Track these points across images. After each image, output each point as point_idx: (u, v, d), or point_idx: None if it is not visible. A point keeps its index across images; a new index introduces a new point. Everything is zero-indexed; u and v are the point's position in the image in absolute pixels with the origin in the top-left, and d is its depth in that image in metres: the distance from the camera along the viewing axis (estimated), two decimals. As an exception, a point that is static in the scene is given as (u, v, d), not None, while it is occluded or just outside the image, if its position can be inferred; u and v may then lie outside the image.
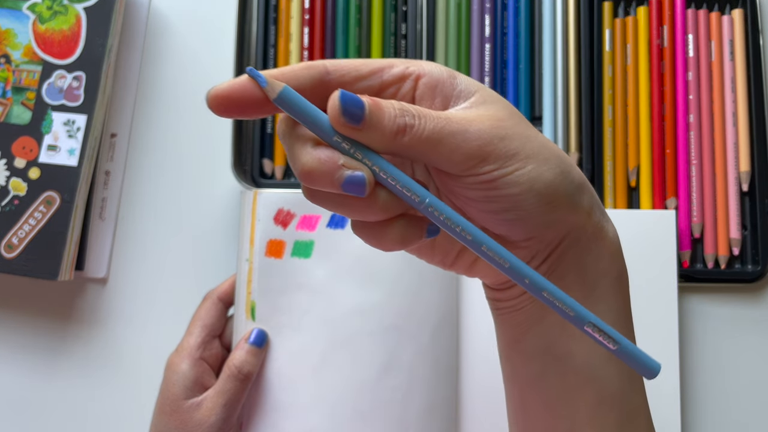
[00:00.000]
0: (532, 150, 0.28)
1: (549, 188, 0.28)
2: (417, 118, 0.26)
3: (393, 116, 0.26)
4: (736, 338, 0.55)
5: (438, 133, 0.26)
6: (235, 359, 0.44)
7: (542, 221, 0.29)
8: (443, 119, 0.27)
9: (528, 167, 0.28)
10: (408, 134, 0.26)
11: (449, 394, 0.49)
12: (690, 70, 0.57)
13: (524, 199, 0.28)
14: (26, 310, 0.56)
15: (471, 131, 0.27)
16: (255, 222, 0.46)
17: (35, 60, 0.54)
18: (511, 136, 0.28)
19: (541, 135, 0.29)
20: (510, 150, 0.28)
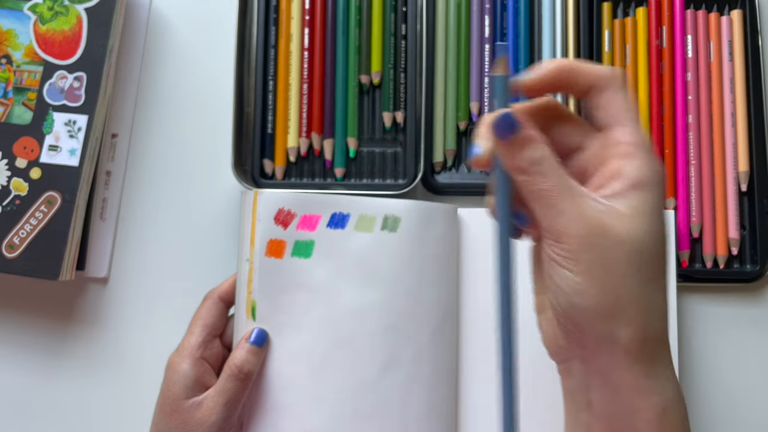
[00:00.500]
0: (610, 288, 0.29)
1: (579, 313, 0.30)
2: (539, 175, 0.30)
3: (522, 158, 0.30)
4: (735, 338, 0.55)
5: (539, 198, 0.30)
6: (236, 359, 0.44)
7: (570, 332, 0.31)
8: (556, 196, 0.29)
9: (581, 282, 0.29)
10: (522, 177, 0.30)
11: (449, 393, 0.49)
12: (689, 70, 0.57)
13: (559, 299, 0.30)
14: (27, 310, 0.56)
15: (567, 228, 0.29)
16: (255, 222, 0.46)
17: (36, 60, 0.54)
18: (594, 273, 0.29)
19: (645, 296, 0.30)
20: (583, 270, 0.29)
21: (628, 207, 0.29)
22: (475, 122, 0.58)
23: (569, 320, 0.30)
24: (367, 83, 0.58)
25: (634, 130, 0.31)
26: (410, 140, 0.56)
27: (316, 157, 0.58)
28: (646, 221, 0.29)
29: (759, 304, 0.55)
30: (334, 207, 0.47)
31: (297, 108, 0.57)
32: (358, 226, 0.47)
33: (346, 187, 0.56)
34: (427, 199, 0.57)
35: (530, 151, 0.30)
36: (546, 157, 0.30)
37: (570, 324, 0.30)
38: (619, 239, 0.29)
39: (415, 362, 0.47)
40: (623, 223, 0.29)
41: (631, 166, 0.30)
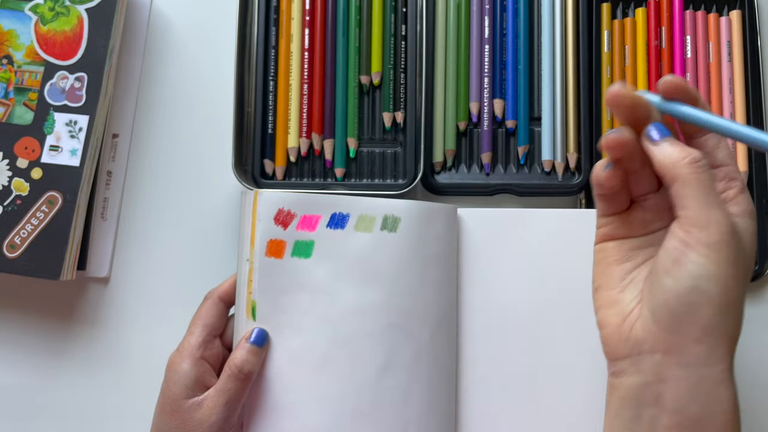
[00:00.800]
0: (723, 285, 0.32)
1: (702, 299, 0.32)
2: (703, 167, 0.33)
3: (689, 152, 0.34)
4: (734, 338, 0.55)
5: (701, 186, 0.33)
6: (236, 359, 0.44)
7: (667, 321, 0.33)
8: (713, 190, 0.33)
9: (715, 271, 0.32)
10: (692, 166, 0.33)
11: (448, 393, 0.49)
12: (688, 71, 0.57)
13: (681, 283, 0.33)
14: (28, 309, 0.56)
15: (716, 218, 0.33)
16: (255, 222, 0.46)
17: (37, 61, 0.54)
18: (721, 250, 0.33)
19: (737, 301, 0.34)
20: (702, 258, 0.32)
21: (747, 227, 0.35)
22: (475, 122, 0.58)
23: (684, 305, 0.32)
24: (367, 83, 0.58)
25: (737, 170, 0.37)
26: (410, 140, 0.56)
27: (317, 157, 0.58)
28: (753, 246, 0.35)
29: (758, 303, 0.56)
30: (334, 207, 0.47)
31: (297, 108, 0.57)
32: (358, 226, 0.47)
33: (346, 187, 0.56)
34: (427, 199, 0.57)
35: (688, 148, 0.34)
36: (706, 156, 0.34)
37: (683, 309, 0.32)
38: (745, 248, 0.34)
39: (415, 362, 0.47)
40: (746, 237, 0.34)
41: (746, 199, 0.36)
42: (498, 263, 0.52)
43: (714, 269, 0.32)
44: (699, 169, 0.33)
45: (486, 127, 0.57)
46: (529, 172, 0.57)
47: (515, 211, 0.53)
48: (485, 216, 0.53)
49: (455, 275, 0.51)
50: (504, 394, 0.51)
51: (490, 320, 0.51)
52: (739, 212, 0.35)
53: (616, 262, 0.37)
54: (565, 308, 0.51)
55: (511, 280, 0.51)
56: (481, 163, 0.57)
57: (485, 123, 0.58)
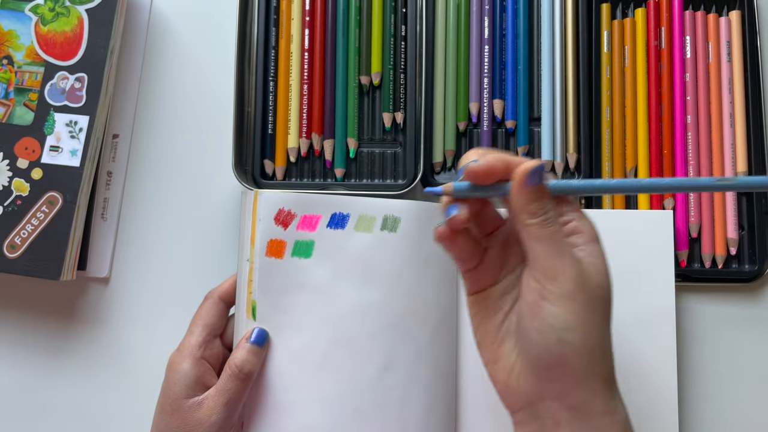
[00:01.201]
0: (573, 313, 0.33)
1: (568, 349, 0.33)
2: (551, 222, 0.34)
3: (540, 205, 0.34)
4: (734, 337, 0.55)
5: (545, 239, 0.34)
6: (236, 358, 0.44)
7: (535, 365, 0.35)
8: (559, 240, 0.34)
9: (573, 320, 0.33)
10: (533, 220, 0.34)
11: (449, 393, 0.49)
12: (687, 71, 0.57)
13: (546, 337, 0.34)
14: (28, 309, 0.56)
15: (565, 269, 0.33)
16: (256, 222, 0.46)
17: (38, 61, 0.54)
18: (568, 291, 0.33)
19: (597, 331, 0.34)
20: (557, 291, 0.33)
21: (593, 257, 0.34)
22: (474, 122, 0.58)
23: (554, 357, 0.33)
24: (367, 84, 0.58)
25: (572, 199, 0.37)
26: (410, 140, 0.56)
27: (317, 157, 0.58)
28: (606, 270, 0.35)
29: (757, 303, 0.56)
30: (334, 207, 0.47)
31: (297, 108, 0.57)
32: (358, 227, 0.48)
33: (346, 188, 0.56)
34: (427, 199, 0.57)
35: (545, 200, 0.35)
36: (552, 208, 0.35)
37: (554, 360, 0.34)
38: (598, 285, 0.34)
39: (415, 362, 0.47)
40: (597, 271, 0.34)
41: (585, 223, 0.36)
42: (498, 263, 0.52)
43: (573, 319, 0.33)
44: (547, 224, 0.34)
45: (486, 128, 0.58)
46: (528, 173, 0.57)
47: (515, 211, 0.53)
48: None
49: (455, 275, 0.51)
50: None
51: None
52: (583, 242, 0.35)
53: (488, 316, 0.38)
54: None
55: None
56: (481, 164, 0.57)
57: (485, 123, 0.58)
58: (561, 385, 0.34)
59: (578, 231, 0.35)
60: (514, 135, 0.58)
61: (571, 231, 0.36)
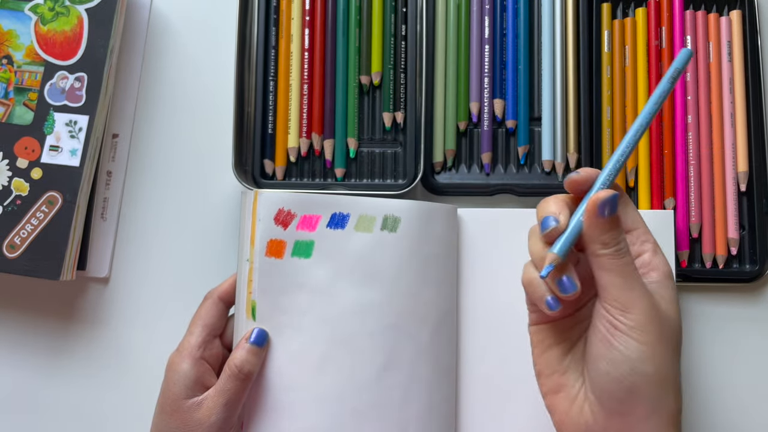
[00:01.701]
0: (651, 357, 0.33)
1: (641, 379, 0.33)
2: (625, 254, 0.34)
3: (612, 235, 0.34)
4: (734, 337, 0.55)
5: (618, 270, 0.34)
6: (236, 359, 0.44)
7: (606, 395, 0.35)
8: (632, 272, 0.34)
9: (646, 351, 0.33)
10: (606, 250, 0.34)
11: (449, 393, 0.49)
12: (688, 71, 0.57)
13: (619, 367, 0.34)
14: (28, 309, 0.56)
15: (637, 301, 0.33)
16: (255, 222, 0.46)
17: (37, 61, 0.54)
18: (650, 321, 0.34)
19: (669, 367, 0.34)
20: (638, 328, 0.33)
21: (666, 293, 0.35)
22: (475, 122, 0.58)
23: (625, 388, 0.33)
24: (367, 84, 0.58)
25: (648, 230, 0.37)
26: (410, 140, 0.56)
27: (317, 157, 0.58)
28: (677, 308, 0.35)
29: (758, 303, 0.56)
30: (334, 207, 0.47)
31: (297, 108, 0.57)
32: (358, 227, 0.47)
33: (346, 187, 0.56)
34: (427, 199, 0.57)
35: (618, 230, 0.35)
36: (624, 238, 0.35)
37: (625, 392, 0.33)
38: (669, 318, 0.34)
39: (415, 362, 0.47)
40: (669, 306, 0.35)
41: (661, 260, 0.36)
42: (498, 263, 0.52)
43: (645, 350, 0.33)
44: (622, 255, 0.34)
45: (486, 127, 0.57)
46: (529, 173, 0.57)
47: (515, 211, 0.53)
48: (485, 216, 0.53)
49: (455, 275, 0.51)
50: (504, 394, 0.51)
51: (490, 320, 0.51)
52: (657, 278, 0.36)
53: (553, 345, 0.38)
54: (566, 308, 0.51)
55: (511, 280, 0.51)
56: (481, 163, 0.57)
57: (485, 123, 0.57)
58: (628, 419, 0.34)
59: (652, 266, 0.36)
60: (514, 135, 0.58)
61: (644, 264, 0.36)
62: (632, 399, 0.33)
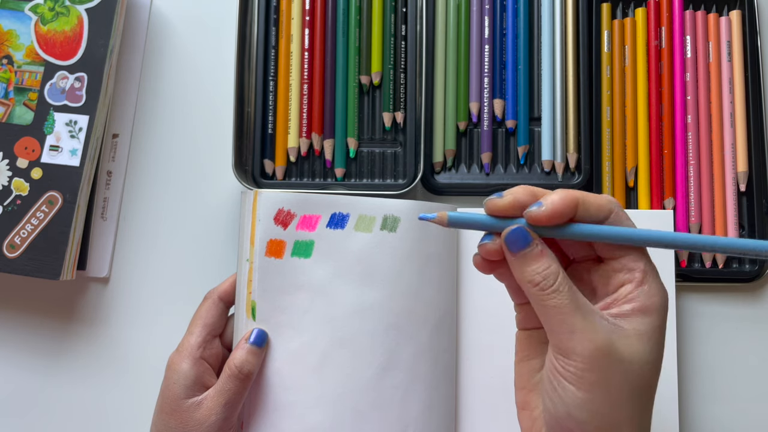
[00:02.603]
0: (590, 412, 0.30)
1: (575, 426, 0.30)
2: (552, 292, 0.30)
3: (534, 271, 0.31)
4: (734, 337, 0.55)
5: (550, 313, 0.30)
6: (236, 359, 0.44)
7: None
8: (568, 313, 0.30)
9: (583, 399, 0.30)
10: (534, 290, 0.31)
11: (449, 392, 0.49)
12: (688, 71, 0.57)
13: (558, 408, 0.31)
14: (28, 309, 0.56)
15: (576, 347, 0.30)
16: (255, 222, 0.46)
17: (37, 61, 0.54)
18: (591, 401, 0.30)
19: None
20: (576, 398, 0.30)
21: (634, 330, 0.31)
22: (475, 122, 0.58)
23: (563, 429, 0.31)
24: (367, 83, 0.58)
25: (642, 255, 0.32)
26: (410, 140, 0.56)
27: (317, 157, 0.58)
28: (650, 346, 0.31)
29: (757, 303, 0.56)
30: (334, 207, 0.47)
31: (297, 108, 0.57)
32: (357, 226, 0.47)
33: (346, 187, 0.56)
34: (427, 199, 0.57)
35: (541, 265, 0.31)
36: (555, 272, 0.31)
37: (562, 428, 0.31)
38: (624, 361, 0.30)
39: (415, 362, 0.47)
40: (629, 345, 0.30)
41: (642, 292, 0.31)
42: (498, 263, 0.52)
43: (582, 396, 0.30)
44: (551, 296, 0.30)
45: (486, 127, 0.57)
46: (529, 172, 0.57)
47: (515, 211, 0.53)
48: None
49: (455, 275, 0.51)
50: (504, 394, 0.51)
51: (489, 320, 0.51)
52: (629, 311, 0.31)
53: (528, 357, 0.35)
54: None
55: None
56: (481, 163, 0.57)
57: (485, 123, 0.58)
58: None
59: (629, 298, 0.31)
60: (514, 135, 0.58)
61: (620, 298, 0.32)
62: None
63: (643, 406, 0.31)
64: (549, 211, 0.31)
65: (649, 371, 0.31)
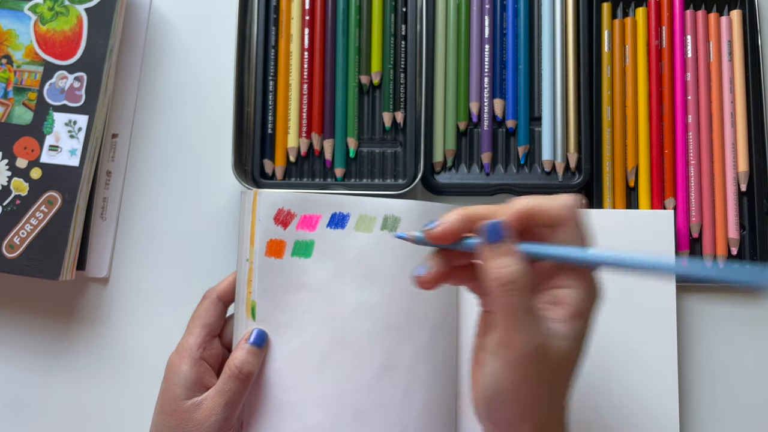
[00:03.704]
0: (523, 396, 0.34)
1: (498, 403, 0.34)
2: (509, 289, 0.33)
3: (500, 264, 0.33)
4: (734, 338, 0.55)
5: (503, 308, 0.33)
6: (236, 359, 0.44)
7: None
8: (516, 313, 0.33)
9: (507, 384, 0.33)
10: (495, 284, 0.33)
11: (448, 392, 0.49)
12: (688, 70, 0.57)
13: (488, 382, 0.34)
14: (28, 309, 0.56)
15: (514, 342, 0.33)
16: (255, 222, 0.46)
17: (37, 61, 0.54)
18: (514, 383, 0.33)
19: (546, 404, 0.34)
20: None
21: (566, 334, 0.34)
22: (475, 122, 0.58)
23: (488, 402, 0.34)
24: (367, 83, 0.58)
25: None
26: (410, 140, 0.56)
27: (316, 157, 0.58)
28: (576, 347, 0.34)
29: (758, 304, 0.56)
30: (334, 207, 0.47)
31: (297, 108, 0.57)
32: (358, 226, 0.47)
33: (346, 187, 0.56)
34: (427, 199, 0.57)
35: (505, 261, 0.33)
36: (515, 271, 0.33)
37: (488, 404, 0.35)
38: (552, 361, 0.33)
39: (415, 362, 0.47)
40: (559, 348, 0.34)
41: (577, 296, 0.34)
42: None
43: (508, 383, 0.33)
44: (509, 293, 0.33)
45: (486, 127, 0.57)
46: (529, 172, 0.57)
47: (515, 211, 0.53)
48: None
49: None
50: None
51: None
52: (563, 316, 0.34)
53: (481, 334, 0.37)
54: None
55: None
56: (481, 163, 0.57)
57: (485, 123, 0.57)
58: (495, 428, 0.35)
59: (562, 302, 0.34)
60: (514, 134, 0.58)
61: (556, 300, 0.34)
62: (493, 413, 0.35)
63: (557, 396, 0.35)
64: (440, 230, 0.35)
65: (571, 368, 0.35)
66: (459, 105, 0.58)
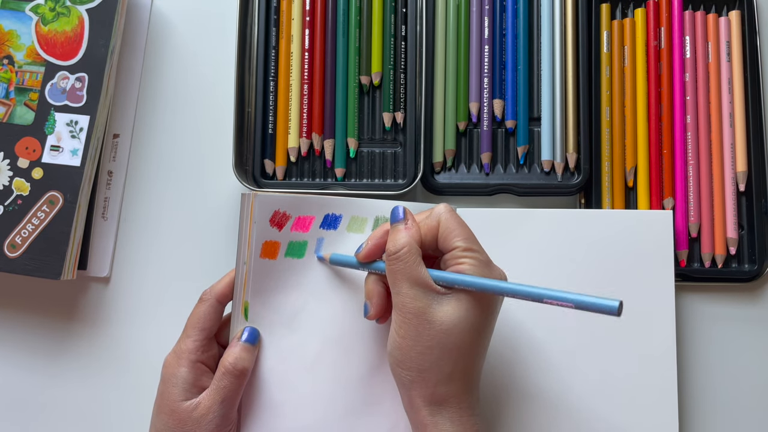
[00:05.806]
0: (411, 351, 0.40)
1: (394, 360, 0.41)
2: (395, 260, 0.41)
3: (392, 240, 0.41)
4: (733, 337, 0.55)
5: (390, 274, 0.41)
6: (229, 356, 0.44)
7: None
8: (401, 279, 0.40)
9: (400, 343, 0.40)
10: (386, 256, 0.41)
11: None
12: (687, 71, 0.57)
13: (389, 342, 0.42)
14: (29, 309, 0.56)
15: (399, 303, 0.40)
16: (252, 224, 0.46)
17: (38, 61, 0.55)
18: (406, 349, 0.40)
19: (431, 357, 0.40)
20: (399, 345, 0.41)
21: (449, 301, 0.40)
22: (474, 122, 0.58)
23: (390, 359, 0.41)
24: (367, 84, 0.58)
25: (468, 245, 0.41)
26: (410, 140, 0.56)
27: (317, 157, 0.58)
28: (460, 314, 0.39)
29: (757, 303, 0.56)
30: (327, 208, 0.47)
31: (297, 108, 0.57)
32: (350, 227, 0.48)
33: (346, 187, 0.56)
34: (427, 199, 0.57)
35: (398, 238, 0.41)
36: (404, 245, 0.40)
37: (390, 359, 0.41)
38: (435, 322, 0.39)
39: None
40: (444, 313, 0.39)
41: (466, 271, 0.40)
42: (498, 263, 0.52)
43: (399, 341, 0.40)
44: (392, 262, 0.41)
45: (486, 127, 0.58)
46: (528, 172, 0.58)
47: (515, 211, 0.53)
48: (485, 216, 0.53)
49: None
50: (503, 394, 0.51)
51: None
52: (454, 288, 0.40)
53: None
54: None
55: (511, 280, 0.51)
56: (481, 163, 0.58)
57: (485, 123, 0.58)
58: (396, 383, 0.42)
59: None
60: (514, 135, 0.58)
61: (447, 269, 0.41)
62: (393, 369, 0.41)
63: (447, 358, 0.39)
64: (363, 254, 0.44)
65: (460, 333, 0.39)
66: (459, 105, 0.58)
